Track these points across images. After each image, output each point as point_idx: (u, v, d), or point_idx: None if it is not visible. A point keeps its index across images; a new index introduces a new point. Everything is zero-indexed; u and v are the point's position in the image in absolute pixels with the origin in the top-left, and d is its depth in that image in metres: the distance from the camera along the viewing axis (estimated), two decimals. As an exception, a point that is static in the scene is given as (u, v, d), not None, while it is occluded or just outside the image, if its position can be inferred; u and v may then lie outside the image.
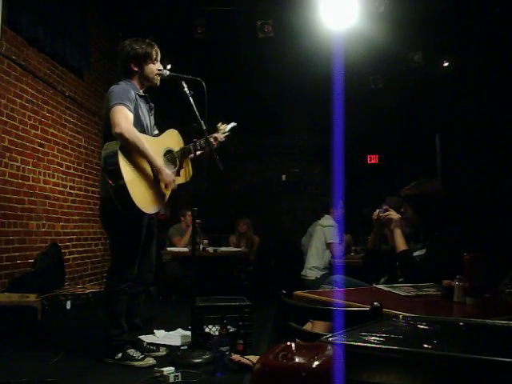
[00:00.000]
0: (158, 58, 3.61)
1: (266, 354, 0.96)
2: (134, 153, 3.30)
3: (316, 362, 0.92)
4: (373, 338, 1.16)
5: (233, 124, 3.91)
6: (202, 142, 3.62)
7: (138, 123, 3.43)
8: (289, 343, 0.99)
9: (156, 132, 3.71)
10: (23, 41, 5.27)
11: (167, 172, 3.45)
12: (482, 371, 0.99)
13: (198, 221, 3.76)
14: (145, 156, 3.33)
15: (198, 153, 3.70)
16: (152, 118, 3.68)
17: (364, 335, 1.19)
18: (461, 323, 1.44)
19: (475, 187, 7.71)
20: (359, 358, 1.08)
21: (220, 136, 3.78)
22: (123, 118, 3.25)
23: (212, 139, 3.64)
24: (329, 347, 0.98)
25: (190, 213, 7.13)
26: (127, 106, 3.29)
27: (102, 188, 3.47)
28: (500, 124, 7.70)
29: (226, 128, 3.86)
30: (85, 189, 6.69)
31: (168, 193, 3.52)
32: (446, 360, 1.01)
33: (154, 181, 3.41)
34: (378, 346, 1.11)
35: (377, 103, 8.70)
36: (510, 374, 0.96)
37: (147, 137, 3.46)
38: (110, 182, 3.20)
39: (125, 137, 3.20)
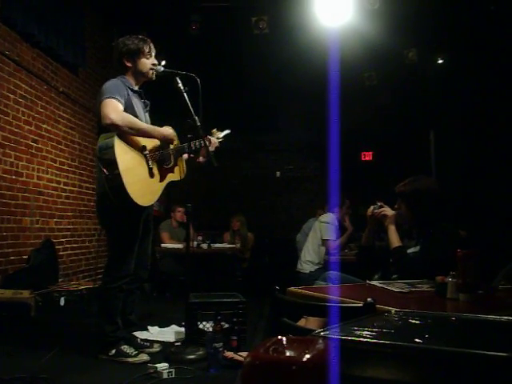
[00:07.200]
0: (152, 54, 3.62)
1: (257, 347, 0.96)
2: (130, 142, 3.31)
3: (306, 356, 0.92)
4: (365, 332, 1.17)
5: (227, 131, 3.93)
6: (196, 143, 3.62)
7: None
8: (280, 337, 0.99)
9: None
10: (17, 36, 5.23)
11: (166, 128, 3.50)
12: (474, 365, 0.99)
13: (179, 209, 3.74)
14: (143, 133, 3.35)
15: (193, 156, 3.74)
16: (147, 114, 3.68)
17: (356, 330, 1.20)
18: (453, 318, 1.45)
19: (469, 184, 7.73)
20: (351, 352, 1.08)
21: (214, 141, 3.77)
22: (111, 109, 3.25)
23: (207, 142, 3.63)
24: (320, 341, 0.98)
25: (179, 209, 7.14)
26: (116, 99, 3.29)
27: (99, 183, 3.47)
28: (494, 120, 7.72)
29: (220, 135, 3.88)
30: (79, 185, 6.67)
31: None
32: (438, 354, 1.02)
33: (148, 174, 3.41)
34: (370, 340, 1.11)
35: (371, 100, 8.71)
36: (501, 368, 0.97)
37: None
38: (105, 170, 3.18)
39: (116, 124, 3.21)
